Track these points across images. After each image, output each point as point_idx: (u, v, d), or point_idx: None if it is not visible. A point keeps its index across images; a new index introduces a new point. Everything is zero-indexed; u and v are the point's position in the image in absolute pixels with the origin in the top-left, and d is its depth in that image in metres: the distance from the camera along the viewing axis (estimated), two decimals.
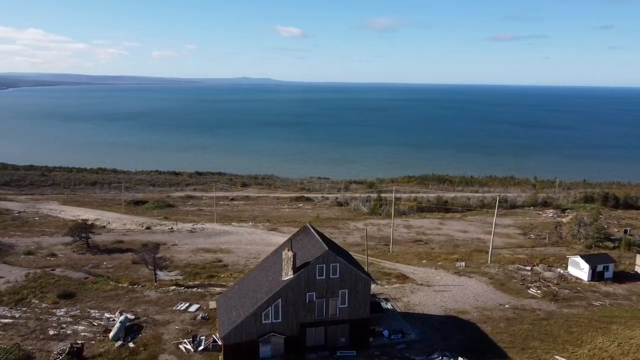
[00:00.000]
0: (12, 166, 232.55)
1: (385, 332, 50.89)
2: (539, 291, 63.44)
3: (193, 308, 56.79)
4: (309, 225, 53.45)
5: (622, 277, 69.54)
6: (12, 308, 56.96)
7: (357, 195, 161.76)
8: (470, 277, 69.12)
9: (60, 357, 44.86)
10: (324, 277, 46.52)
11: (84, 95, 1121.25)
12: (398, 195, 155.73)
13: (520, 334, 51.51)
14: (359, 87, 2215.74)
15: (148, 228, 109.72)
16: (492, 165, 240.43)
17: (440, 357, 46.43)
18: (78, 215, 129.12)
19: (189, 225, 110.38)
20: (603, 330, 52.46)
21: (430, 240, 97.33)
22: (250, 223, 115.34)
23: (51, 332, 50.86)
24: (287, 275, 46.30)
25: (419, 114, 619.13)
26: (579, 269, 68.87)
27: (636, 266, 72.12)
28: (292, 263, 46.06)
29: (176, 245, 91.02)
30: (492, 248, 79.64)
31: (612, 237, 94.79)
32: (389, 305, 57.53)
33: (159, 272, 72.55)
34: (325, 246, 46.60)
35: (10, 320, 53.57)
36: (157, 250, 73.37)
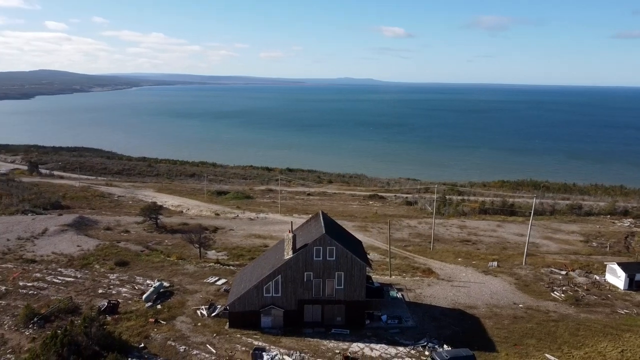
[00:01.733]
0: (127, 157, 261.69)
1: (384, 317, 53.67)
2: (562, 295, 61.92)
3: (220, 282, 63.54)
4: (320, 212, 57.64)
5: None
6: (77, 270, 67.68)
7: (426, 195, 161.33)
8: (495, 277, 68.88)
9: (99, 310, 53.48)
10: (320, 258, 50.59)
11: (196, 94, 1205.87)
12: (465, 197, 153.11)
13: (519, 331, 51.63)
14: (463, 88, 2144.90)
15: (217, 215, 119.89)
16: (602, 173, 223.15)
17: (427, 343, 48.41)
18: (165, 201, 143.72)
19: (252, 214, 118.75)
20: (613, 336, 50.80)
21: (480, 241, 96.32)
22: (310, 215, 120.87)
23: (100, 291, 60.22)
24: (288, 254, 51.05)
25: (527, 116, 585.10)
26: (616, 276, 65.74)
27: None
28: (292, 244, 50.74)
29: (233, 230, 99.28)
30: (527, 250, 78.03)
31: None
32: (398, 294, 59.95)
33: (209, 252, 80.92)
34: (323, 230, 50.63)
35: (73, 279, 63.98)
36: (203, 231, 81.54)
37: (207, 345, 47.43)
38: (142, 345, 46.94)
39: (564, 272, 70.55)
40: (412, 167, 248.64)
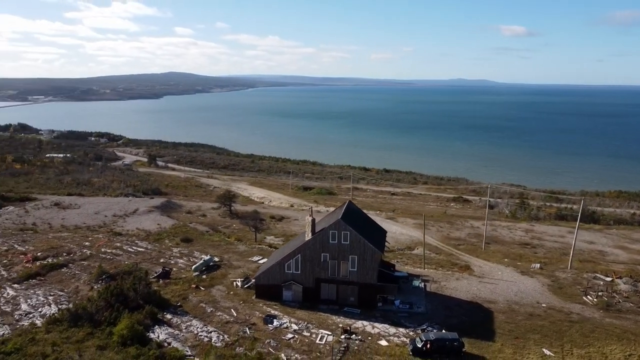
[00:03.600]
0: (234, 153, 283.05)
1: (397, 302, 57.13)
2: (595, 299, 60.39)
3: (262, 260, 70.74)
4: (348, 201, 62.43)
5: None
6: (150, 243, 79.07)
7: (505, 199, 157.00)
8: (531, 277, 68.43)
9: (155, 275, 63.30)
10: (336, 242, 55.52)
11: (306, 94, 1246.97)
12: (544, 203, 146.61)
13: (527, 327, 52.26)
14: (591, 89, 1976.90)
15: (291, 206, 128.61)
16: None
17: (426, 327, 51.23)
18: (252, 193, 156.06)
19: (322, 208, 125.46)
20: (628, 341, 49.54)
21: (541, 245, 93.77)
22: (377, 212, 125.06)
23: (161, 260, 70.49)
24: (308, 236, 56.67)
25: None
26: None
27: None
28: (311, 227, 56.30)
29: (297, 220, 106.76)
30: (572, 254, 75.96)
31: None
32: (420, 284, 62.74)
33: (267, 237, 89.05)
34: (340, 217, 55.51)
35: (143, 250, 75.21)
36: (258, 217, 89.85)
37: (232, 309, 54.68)
38: (179, 304, 55.44)
39: (608, 279, 67.95)
40: (519, 172, 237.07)
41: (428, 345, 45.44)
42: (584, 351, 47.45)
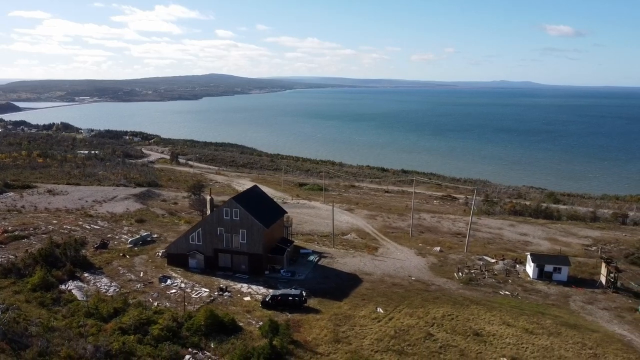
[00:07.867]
0: (257, 152, 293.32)
1: (282, 271, 66.96)
2: (463, 276, 68.20)
3: None
4: (253, 185, 72.66)
5: (578, 282, 67.11)
6: (108, 222, 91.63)
7: (480, 198, 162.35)
8: (423, 257, 76.61)
9: (95, 246, 75.49)
10: (229, 218, 65.90)
11: (344, 96, 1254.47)
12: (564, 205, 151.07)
13: (381, 292, 60.95)
14: None
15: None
16: None
17: (292, 289, 60.75)
18: (246, 187, 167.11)
19: (302, 202, 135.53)
20: (461, 306, 57.42)
21: (473, 235, 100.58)
22: (341, 204, 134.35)
23: (109, 235, 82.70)
24: (207, 213, 67.30)
25: None
26: (529, 265, 69.45)
27: (601, 275, 67.57)
28: (209, 205, 66.92)
29: None
30: (467, 241, 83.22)
31: None
32: (315, 259, 72.28)
33: None
34: (232, 197, 65.85)
35: (99, 227, 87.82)
36: (205, 203, 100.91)
37: (141, 272, 66.01)
38: (100, 267, 67.20)
39: (492, 261, 75.27)
40: (545, 176, 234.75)
41: (275, 299, 55.30)
42: (412, 310, 55.89)
